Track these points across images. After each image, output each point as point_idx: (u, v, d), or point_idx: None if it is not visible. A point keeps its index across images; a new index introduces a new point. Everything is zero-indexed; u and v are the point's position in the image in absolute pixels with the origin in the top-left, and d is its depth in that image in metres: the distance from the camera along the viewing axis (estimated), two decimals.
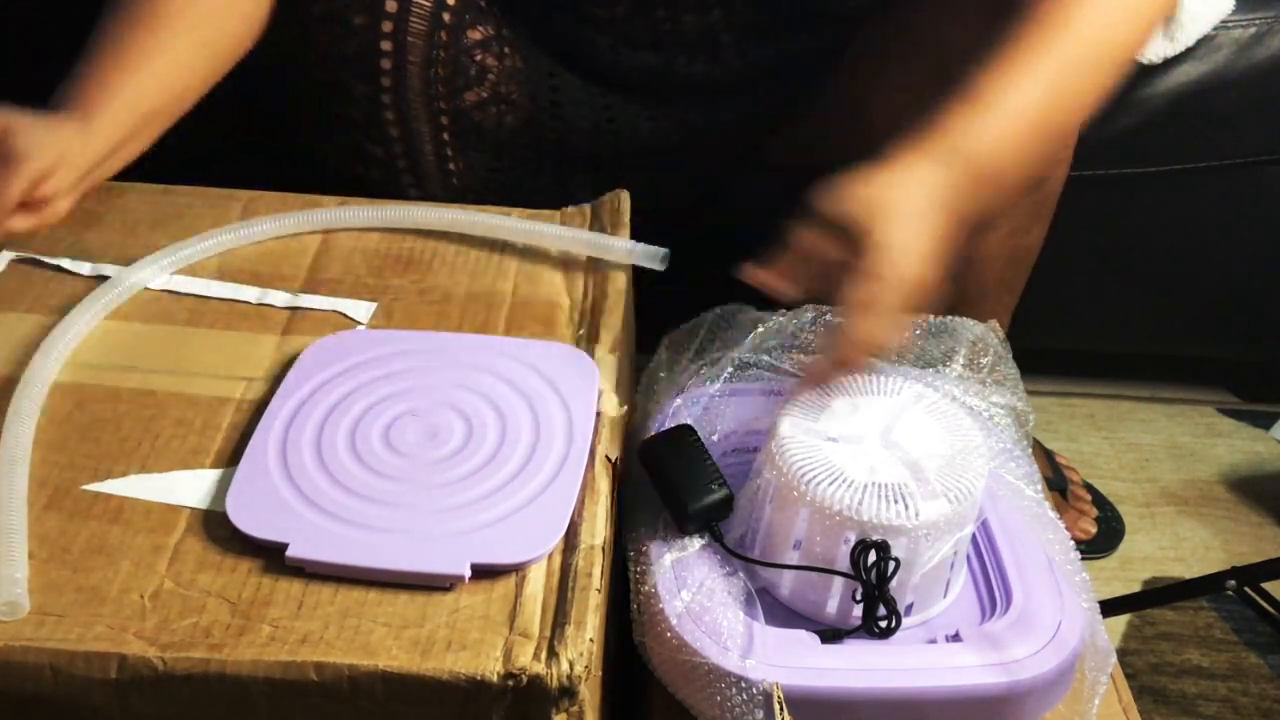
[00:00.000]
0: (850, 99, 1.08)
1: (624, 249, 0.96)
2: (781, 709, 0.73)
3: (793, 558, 0.80)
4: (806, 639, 0.78)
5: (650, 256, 0.96)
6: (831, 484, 0.77)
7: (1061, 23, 0.83)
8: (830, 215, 0.77)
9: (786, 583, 0.81)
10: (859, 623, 0.79)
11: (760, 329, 0.94)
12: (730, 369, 0.92)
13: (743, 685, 0.74)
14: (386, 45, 1.04)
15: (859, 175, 0.78)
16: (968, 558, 0.86)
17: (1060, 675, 0.78)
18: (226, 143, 1.41)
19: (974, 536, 0.85)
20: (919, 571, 0.78)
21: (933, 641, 0.79)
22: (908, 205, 0.76)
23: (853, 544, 0.77)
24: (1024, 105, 0.81)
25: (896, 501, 0.77)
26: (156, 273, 0.92)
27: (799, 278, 0.77)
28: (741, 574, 0.81)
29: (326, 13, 1.04)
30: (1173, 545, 1.39)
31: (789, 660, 0.75)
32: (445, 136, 1.08)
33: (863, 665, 0.76)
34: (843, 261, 0.76)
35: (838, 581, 0.79)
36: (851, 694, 0.75)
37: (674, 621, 0.77)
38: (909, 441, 0.81)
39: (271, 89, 1.18)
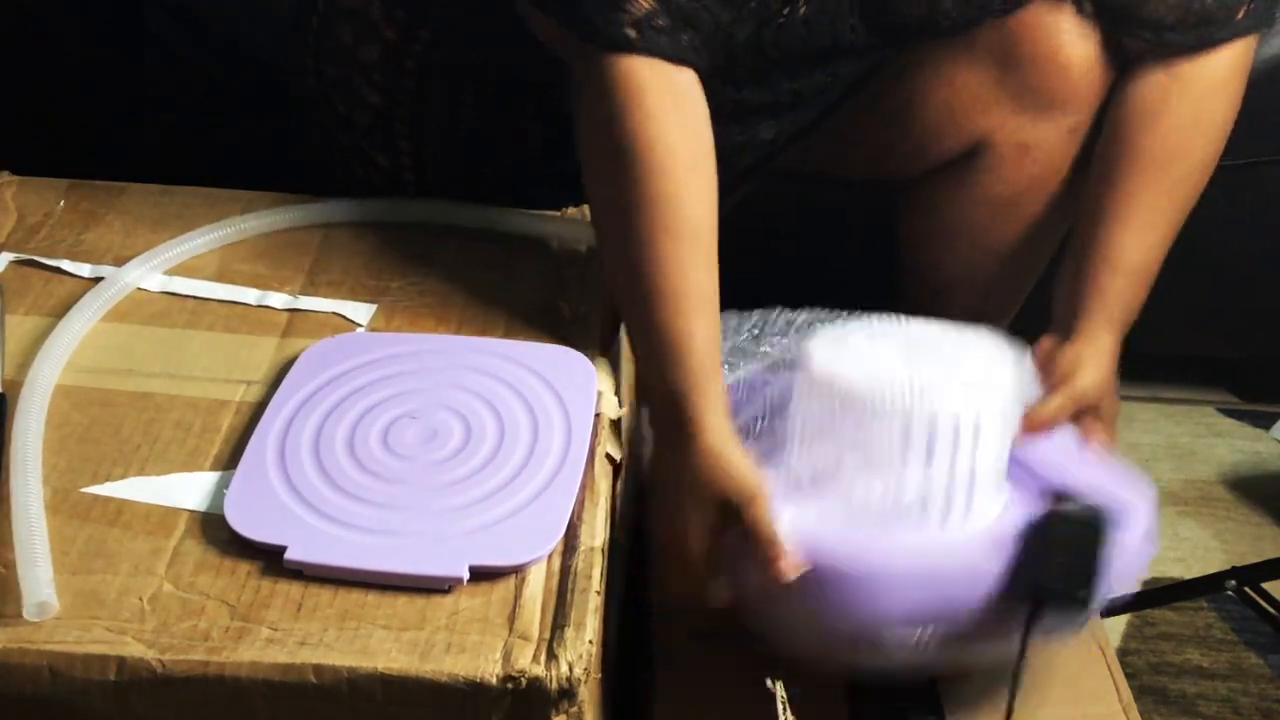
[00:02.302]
0: (894, 104, 1.07)
1: (589, 230, 0.97)
2: (784, 708, 0.74)
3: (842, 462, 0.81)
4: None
5: None
6: (880, 383, 0.79)
7: (1184, 180, 0.99)
8: (1082, 398, 0.93)
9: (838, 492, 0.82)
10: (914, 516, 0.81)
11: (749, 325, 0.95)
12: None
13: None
14: (410, 65, 1.03)
15: (1088, 359, 0.96)
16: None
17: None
18: (227, 143, 1.41)
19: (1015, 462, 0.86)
20: (980, 455, 0.80)
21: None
22: (1111, 374, 0.98)
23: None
24: (1158, 262, 0.99)
25: (945, 389, 0.78)
26: (148, 272, 0.92)
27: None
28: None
29: (352, 11, 1.03)
30: (1173, 545, 1.39)
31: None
32: (461, 161, 1.08)
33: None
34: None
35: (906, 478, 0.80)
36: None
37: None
38: (935, 352, 0.83)
39: (277, 84, 1.18)
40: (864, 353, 0.83)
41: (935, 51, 1.02)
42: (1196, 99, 0.98)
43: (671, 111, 0.84)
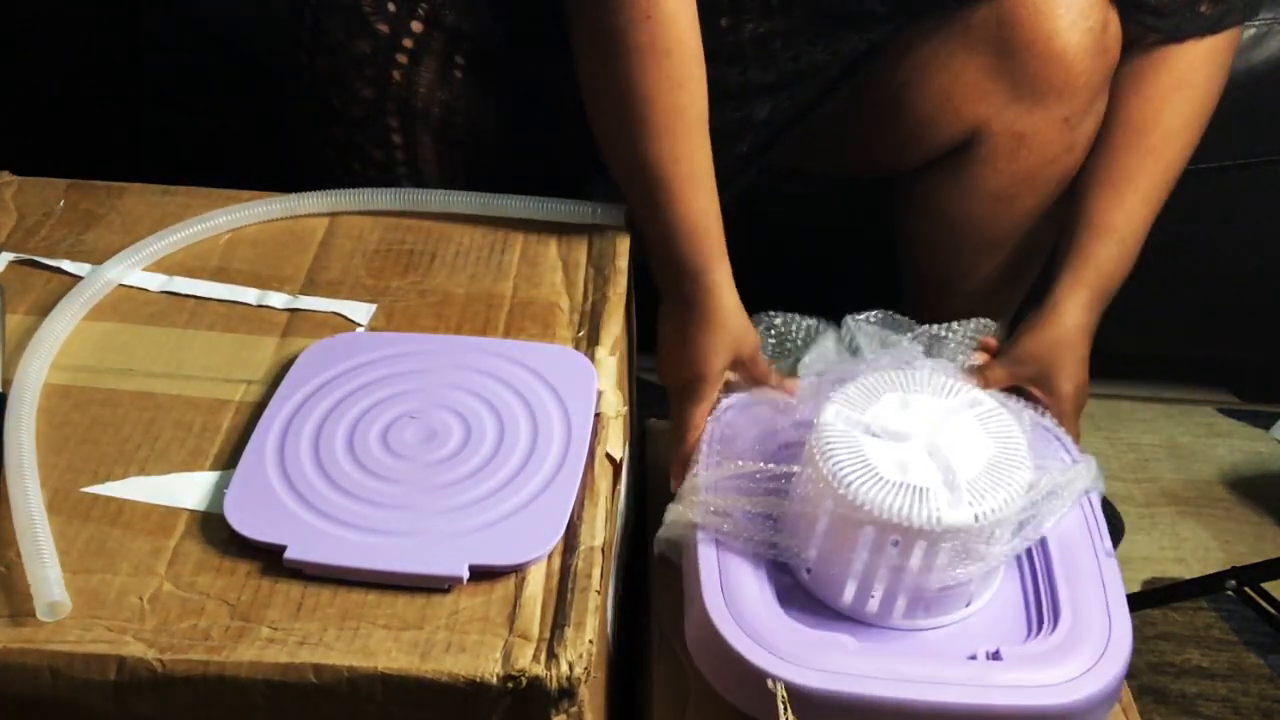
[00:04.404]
0: (889, 92, 1.07)
1: (587, 211, 0.99)
2: (786, 709, 0.73)
3: (815, 546, 0.80)
4: (845, 641, 0.78)
5: (613, 214, 0.98)
6: (859, 478, 0.77)
7: (1162, 146, 1.01)
8: (1017, 375, 0.97)
9: (804, 569, 0.82)
10: (873, 613, 0.79)
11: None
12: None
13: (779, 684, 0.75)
14: (401, 59, 1.03)
15: (1030, 330, 0.98)
16: (1019, 569, 0.85)
17: (1103, 698, 0.77)
18: (227, 143, 1.41)
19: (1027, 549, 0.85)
20: (934, 575, 0.78)
21: (973, 657, 0.78)
22: (1073, 352, 0.98)
23: (870, 539, 0.77)
24: (1139, 229, 1.01)
25: (920, 504, 0.76)
26: (129, 269, 0.92)
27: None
28: (768, 559, 0.82)
29: (343, 6, 1.03)
30: (1173, 545, 1.39)
31: (827, 664, 0.75)
32: (452, 153, 1.08)
33: (898, 675, 0.75)
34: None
35: (854, 575, 0.79)
36: (883, 702, 0.75)
37: (715, 622, 0.78)
38: (951, 447, 0.80)
39: (272, 80, 1.18)
40: (879, 435, 0.81)
41: (931, 36, 1.03)
42: (1178, 69, 1.02)
43: (686, 5, 0.90)
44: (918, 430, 0.81)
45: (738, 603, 0.79)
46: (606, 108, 0.94)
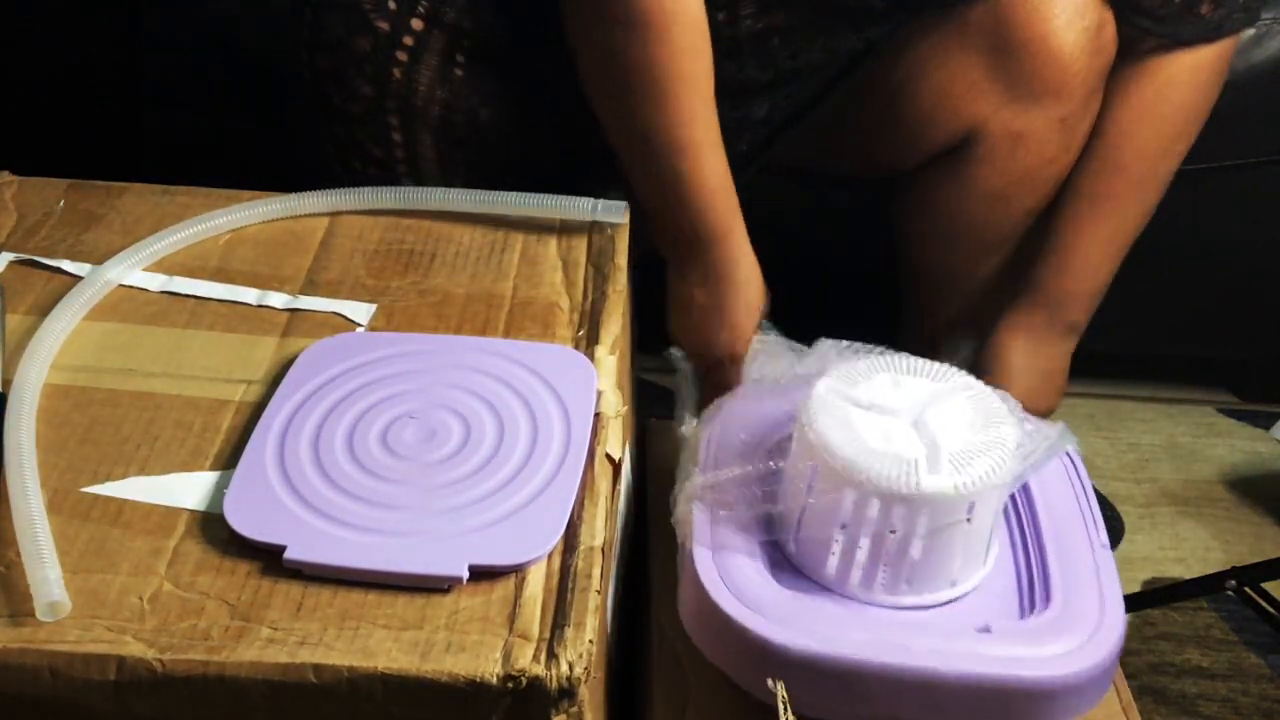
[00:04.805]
0: (887, 90, 1.08)
1: (586, 207, 0.98)
2: (786, 709, 0.74)
3: (802, 506, 0.81)
4: (837, 611, 0.79)
5: (613, 210, 0.97)
6: (844, 444, 0.78)
7: (1133, 164, 1.03)
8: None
9: (792, 538, 0.82)
10: (856, 584, 0.80)
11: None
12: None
13: (772, 649, 0.75)
14: (402, 56, 1.04)
15: (1000, 362, 1.03)
16: (1012, 549, 0.86)
17: (1093, 678, 0.77)
18: (227, 142, 1.41)
19: (1021, 529, 0.86)
20: (914, 545, 0.78)
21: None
22: (1028, 363, 1.03)
23: (852, 504, 0.78)
24: (1110, 261, 1.04)
25: (902, 470, 0.77)
26: (129, 269, 0.92)
27: None
28: (760, 529, 0.83)
29: (343, 3, 1.04)
30: (1173, 545, 1.39)
31: (820, 629, 0.76)
32: (452, 152, 1.08)
33: (891, 642, 0.76)
34: None
35: (838, 542, 0.79)
36: (872, 667, 0.75)
37: (708, 587, 0.78)
38: (937, 423, 0.81)
39: (272, 79, 1.18)
40: (868, 408, 0.81)
41: (929, 34, 1.03)
42: (1156, 87, 1.02)
43: None
44: (907, 407, 0.82)
45: (730, 571, 0.79)
46: (615, 81, 0.94)
